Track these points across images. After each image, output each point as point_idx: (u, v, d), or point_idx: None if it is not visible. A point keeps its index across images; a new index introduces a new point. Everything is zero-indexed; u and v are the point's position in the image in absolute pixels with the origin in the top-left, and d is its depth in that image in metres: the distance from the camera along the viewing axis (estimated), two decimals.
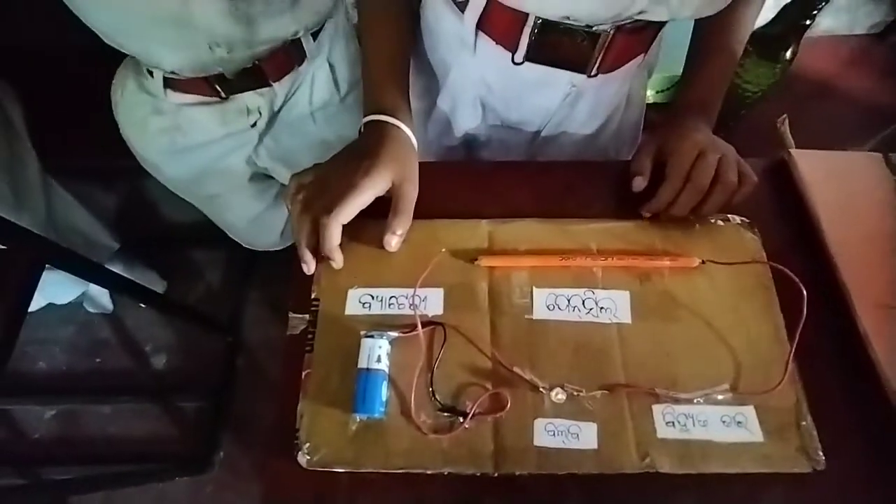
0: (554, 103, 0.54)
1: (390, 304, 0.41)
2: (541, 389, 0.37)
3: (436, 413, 0.37)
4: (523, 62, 0.49)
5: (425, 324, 0.39)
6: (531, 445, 0.36)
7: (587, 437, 0.36)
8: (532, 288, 0.41)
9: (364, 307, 0.41)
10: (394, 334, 0.39)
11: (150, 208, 1.26)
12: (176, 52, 0.54)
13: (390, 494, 0.35)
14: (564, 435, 0.36)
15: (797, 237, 0.44)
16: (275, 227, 0.87)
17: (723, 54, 0.50)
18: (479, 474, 0.35)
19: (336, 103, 0.69)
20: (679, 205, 0.42)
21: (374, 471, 0.35)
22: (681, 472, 0.35)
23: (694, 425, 0.36)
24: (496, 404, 0.37)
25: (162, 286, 1.19)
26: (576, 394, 0.37)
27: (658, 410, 0.36)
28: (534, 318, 0.40)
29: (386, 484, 0.35)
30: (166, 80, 0.59)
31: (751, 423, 0.36)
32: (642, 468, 0.35)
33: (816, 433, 0.35)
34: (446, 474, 0.35)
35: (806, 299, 0.37)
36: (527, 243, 0.43)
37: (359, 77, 0.67)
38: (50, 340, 1.17)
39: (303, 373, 0.38)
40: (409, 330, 0.39)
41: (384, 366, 0.37)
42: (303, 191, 0.42)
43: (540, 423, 0.36)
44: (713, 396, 0.37)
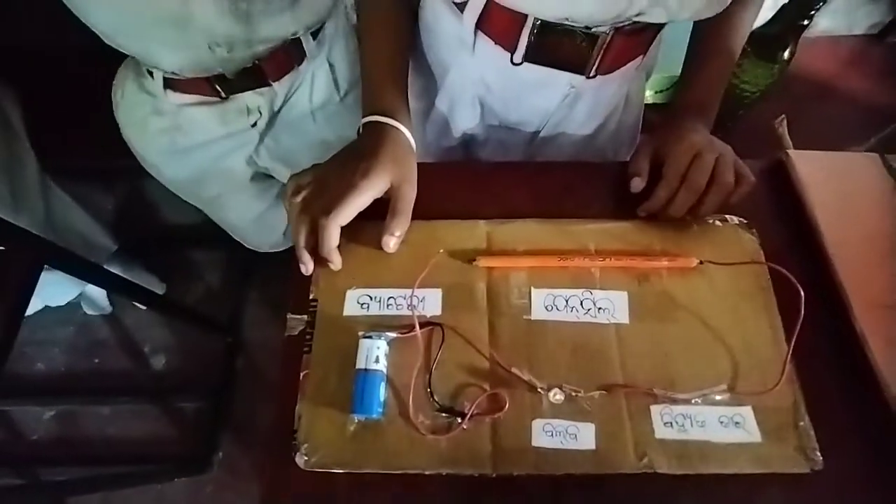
0: (552, 104, 0.54)
1: (388, 305, 0.41)
2: (539, 390, 0.37)
3: (434, 414, 0.37)
4: (522, 63, 0.49)
5: (423, 324, 0.39)
6: (529, 446, 0.36)
7: (585, 437, 0.36)
8: (530, 288, 0.41)
9: (362, 308, 0.41)
10: (392, 335, 0.39)
11: (148, 209, 1.26)
12: (176, 52, 0.54)
13: (388, 495, 0.35)
14: (562, 435, 0.36)
15: (795, 238, 0.44)
16: (277, 226, 0.87)
17: (721, 55, 0.51)
18: (477, 475, 0.35)
19: (336, 103, 0.69)
20: (676, 205, 0.42)
21: (372, 471, 0.35)
22: (679, 472, 0.35)
23: (692, 426, 0.36)
24: (494, 405, 0.37)
25: (161, 287, 1.19)
26: (574, 394, 0.37)
27: (656, 411, 0.36)
28: (532, 318, 0.40)
29: (384, 484, 0.35)
30: (166, 81, 0.59)
31: (748, 424, 0.36)
32: (640, 468, 0.35)
33: (814, 433, 0.35)
34: (444, 475, 0.35)
35: (804, 299, 0.37)
36: (525, 244, 0.43)
37: (358, 77, 0.67)
38: (49, 341, 1.17)
39: (301, 373, 0.38)
40: (407, 330, 0.39)
41: (382, 366, 0.37)
42: (301, 192, 0.42)
43: (538, 423, 0.36)
44: (711, 397, 0.37)
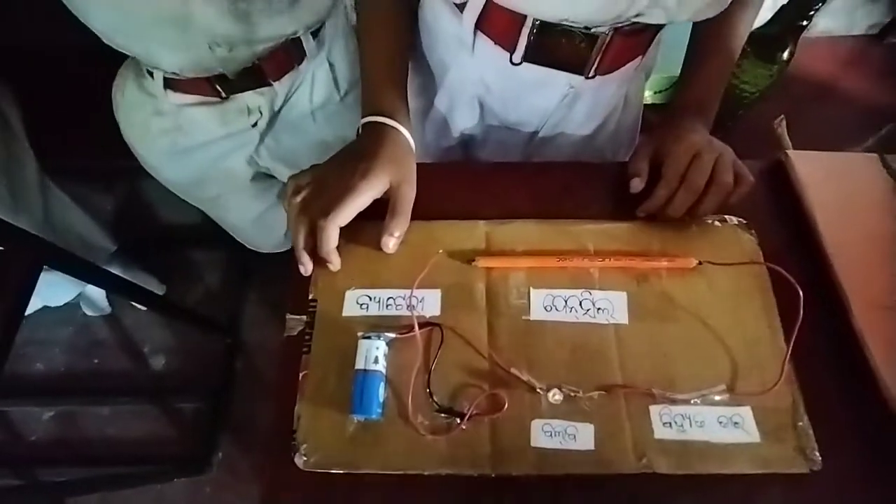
0: (552, 104, 0.54)
1: (388, 305, 0.41)
2: (538, 390, 0.37)
3: (433, 414, 0.37)
4: (521, 63, 0.49)
5: (422, 325, 0.39)
6: (528, 446, 0.36)
7: (584, 437, 0.36)
8: (529, 289, 0.41)
9: (361, 308, 0.41)
10: (391, 335, 0.39)
11: (148, 209, 1.26)
12: (176, 52, 0.54)
13: (388, 495, 0.35)
14: (562, 436, 0.36)
15: (794, 238, 0.44)
16: (277, 227, 0.86)
17: (720, 56, 0.51)
18: (476, 475, 0.35)
19: (336, 102, 0.69)
20: (674, 205, 0.42)
21: (371, 472, 0.35)
22: (678, 472, 0.35)
23: (691, 426, 0.36)
24: (493, 405, 0.37)
25: (160, 288, 1.19)
26: (573, 395, 0.37)
27: (655, 411, 0.36)
28: (531, 318, 0.40)
29: (383, 485, 0.35)
30: (166, 81, 0.59)
31: (748, 424, 0.36)
32: (639, 469, 0.35)
33: (813, 433, 0.35)
34: (444, 475, 0.35)
35: (803, 300, 0.37)
36: (524, 244, 0.43)
37: (358, 76, 0.67)
38: (48, 341, 1.17)
39: (300, 374, 0.38)
40: (406, 331, 0.39)
41: (381, 367, 0.37)
42: (300, 192, 0.42)
43: (537, 423, 0.36)
44: (710, 397, 0.37)
